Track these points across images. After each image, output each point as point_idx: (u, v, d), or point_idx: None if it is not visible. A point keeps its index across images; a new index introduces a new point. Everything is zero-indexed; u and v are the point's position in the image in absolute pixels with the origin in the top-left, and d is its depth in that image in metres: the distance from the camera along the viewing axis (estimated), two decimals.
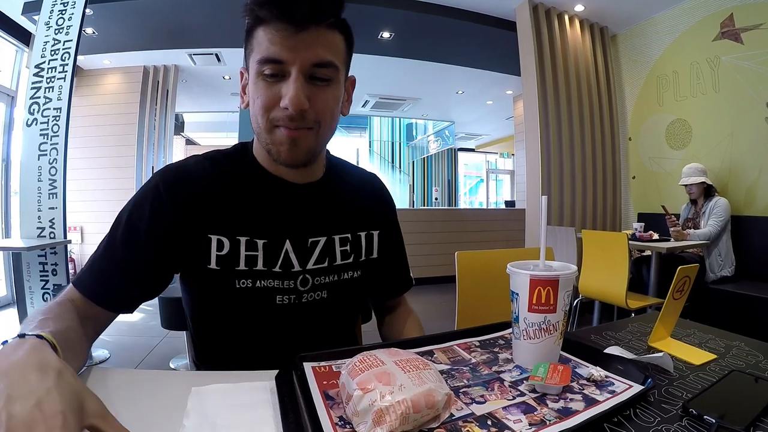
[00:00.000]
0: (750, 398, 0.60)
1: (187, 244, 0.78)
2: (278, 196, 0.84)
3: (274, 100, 0.72)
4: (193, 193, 0.79)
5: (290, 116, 0.72)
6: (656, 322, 0.84)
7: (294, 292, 0.83)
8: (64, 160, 3.32)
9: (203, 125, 9.24)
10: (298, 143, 0.75)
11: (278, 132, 0.75)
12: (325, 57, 0.73)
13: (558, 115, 4.33)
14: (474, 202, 12.94)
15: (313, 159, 0.81)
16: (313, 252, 0.85)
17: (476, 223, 6.35)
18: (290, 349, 0.71)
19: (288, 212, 0.84)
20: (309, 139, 0.76)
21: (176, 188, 0.79)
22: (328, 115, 0.77)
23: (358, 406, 0.49)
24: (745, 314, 3.02)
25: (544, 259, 0.73)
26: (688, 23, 4.14)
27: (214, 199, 0.80)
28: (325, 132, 0.79)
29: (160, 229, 0.77)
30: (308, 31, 0.70)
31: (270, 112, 0.73)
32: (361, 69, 6.00)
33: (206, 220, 0.79)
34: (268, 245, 0.81)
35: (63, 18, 3.46)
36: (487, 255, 1.56)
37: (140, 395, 0.60)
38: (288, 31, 0.69)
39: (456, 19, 4.58)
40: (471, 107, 8.59)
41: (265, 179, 0.85)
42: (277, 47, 0.70)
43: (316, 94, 0.74)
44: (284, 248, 0.82)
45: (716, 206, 3.40)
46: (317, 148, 0.80)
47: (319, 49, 0.72)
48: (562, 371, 0.61)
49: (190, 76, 6.40)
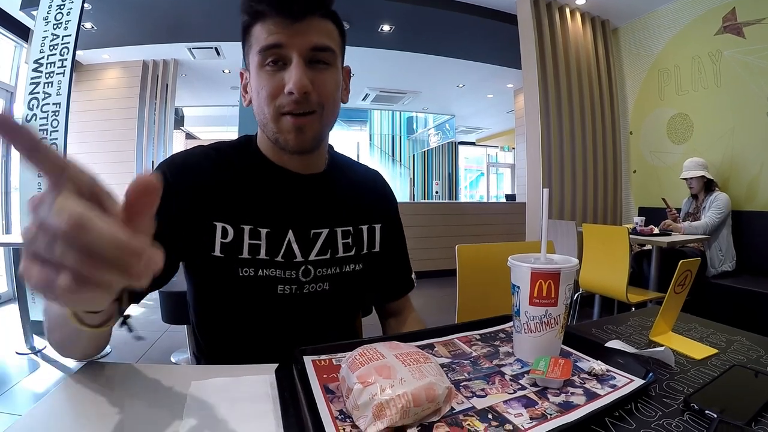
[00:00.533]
0: (751, 393, 0.60)
1: (193, 231, 0.79)
2: (282, 186, 0.86)
3: (278, 88, 0.75)
4: (198, 181, 0.80)
5: (296, 100, 0.74)
6: (657, 316, 0.84)
7: (296, 282, 0.84)
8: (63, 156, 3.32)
9: (203, 119, 9.23)
10: (304, 130, 0.77)
11: (284, 120, 0.76)
12: (322, 41, 0.76)
13: (559, 109, 4.32)
14: (474, 196, 12.93)
15: (317, 145, 0.83)
16: (315, 243, 0.86)
17: (477, 216, 6.34)
18: (290, 342, 0.72)
19: (291, 202, 0.86)
20: (314, 124, 0.78)
21: (183, 177, 0.80)
22: (330, 98, 0.79)
23: (359, 399, 0.49)
24: (746, 309, 3.02)
25: (546, 252, 0.73)
26: (689, 17, 4.12)
27: (219, 188, 0.81)
28: (328, 116, 0.81)
29: (167, 214, 0.77)
30: (304, 21, 0.74)
31: (275, 100, 0.76)
32: (361, 62, 6.02)
33: (212, 207, 0.80)
34: (271, 234, 0.82)
35: (61, 13, 3.45)
36: (487, 248, 1.56)
37: (141, 389, 0.60)
38: (285, 22, 0.73)
39: (456, 11, 4.56)
40: (471, 100, 8.57)
41: (270, 169, 0.86)
42: (277, 35, 0.73)
43: (318, 77, 0.76)
44: (287, 238, 0.83)
45: (716, 200, 3.40)
46: (322, 133, 0.82)
47: (316, 35, 0.75)
48: (563, 365, 0.61)
49: (190, 70, 6.38)
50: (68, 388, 0.59)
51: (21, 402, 2.35)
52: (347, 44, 0.86)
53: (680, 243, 3.17)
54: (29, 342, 3.06)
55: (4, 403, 2.30)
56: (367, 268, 0.95)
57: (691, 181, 3.56)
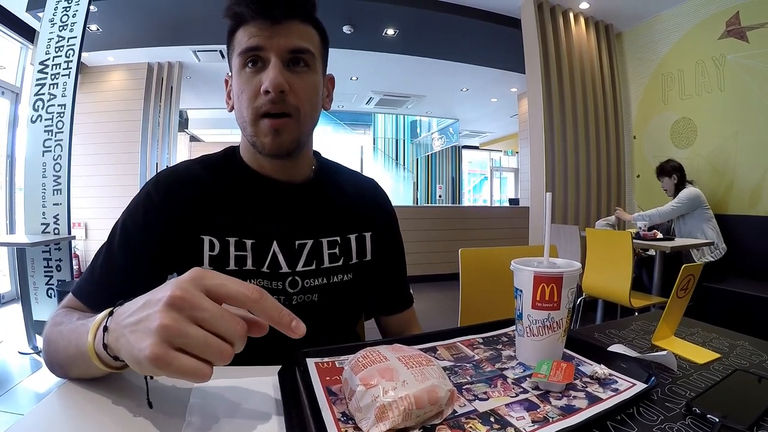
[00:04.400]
0: (754, 398, 0.60)
1: (181, 245, 0.80)
2: (266, 196, 0.86)
3: (256, 89, 0.76)
4: (184, 196, 0.81)
5: (272, 99, 0.75)
6: (660, 321, 0.84)
7: (283, 293, 0.84)
8: (68, 157, 3.34)
9: (207, 122, 9.25)
10: (281, 133, 0.78)
11: (262, 123, 0.77)
12: (301, 44, 0.77)
13: (562, 113, 4.32)
14: (478, 200, 12.92)
15: (297, 149, 0.83)
16: (301, 254, 0.85)
17: (480, 220, 6.34)
18: (288, 348, 0.71)
19: (275, 213, 0.85)
20: (290, 127, 0.78)
21: (168, 192, 0.81)
22: (307, 102, 0.79)
23: (361, 401, 0.49)
24: (750, 316, 3.00)
25: (548, 256, 0.73)
26: (693, 21, 4.12)
27: (204, 202, 0.82)
28: (306, 120, 0.81)
29: (155, 234, 0.79)
30: (284, 24, 0.76)
31: (254, 102, 0.76)
32: (365, 66, 6.03)
33: (198, 221, 0.80)
34: (256, 245, 0.82)
35: (67, 15, 3.48)
36: (490, 252, 1.56)
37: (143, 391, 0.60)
38: (265, 25, 0.75)
39: (460, 15, 4.56)
40: (475, 104, 8.57)
41: (253, 180, 0.86)
42: (257, 38, 0.75)
43: (295, 79, 0.77)
44: (272, 249, 0.83)
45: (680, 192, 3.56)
46: (300, 137, 0.81)
47: (295, 38, 0.77)
48: (565, 369, 0.61)
49: (195, 72, 6.40)
50: (70, 388, 0.59)
51: (23, 402, 2.35)
52: (351, 48, 0.87)
53: (684, 247, 3.14)
54: (32, 342, 3.07)
55: (6, 403, 2.31)
56: (358, 278, 0.93)
57: (663, 185, 3.77)
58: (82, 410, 0.54)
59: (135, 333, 0.45)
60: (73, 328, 0.60)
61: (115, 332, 0.48)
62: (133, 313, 0.46)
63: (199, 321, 0.44)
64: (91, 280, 0.77)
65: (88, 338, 0.52)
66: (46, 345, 0.66)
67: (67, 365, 0.60)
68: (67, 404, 0.56)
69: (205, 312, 0.44)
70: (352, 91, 7.86)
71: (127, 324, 0.46)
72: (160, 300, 0.44)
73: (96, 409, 0.54)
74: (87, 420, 0.52)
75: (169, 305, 0.43)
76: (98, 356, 0.52)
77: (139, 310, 0.46)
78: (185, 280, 0.46)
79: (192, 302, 0.44)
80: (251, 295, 0.47)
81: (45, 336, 0.68)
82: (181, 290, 0.44)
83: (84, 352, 0.53)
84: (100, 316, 0.54)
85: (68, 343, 0.59)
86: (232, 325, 0.45)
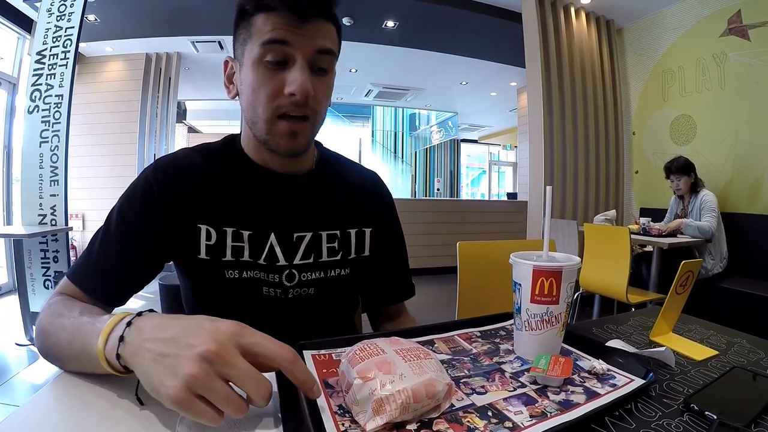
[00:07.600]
0: (751, 395, 0.60)
1: (178, 233, 0.79)
2: (265, 187, 0.84)
3: (278, 89, 0.72)
4: (182, 183, 0.80)
5: (295, 102, 0.72)
6: (658, 317, 0.84)
7: (279, 286, 0.83)
8: (65, 147, 3.32)
9: (206, 113, 9.22)
10: (298, 135, 0.76)
11: (280, 124, 0.74)
12: (325, 44, 0.74)
13: (562, 108, 4.31)
14: (476, 194, 12.92)
15: (308, 148, 0.83)
16: (299, 247, 0.85)
17: (478, 214, 6.34)
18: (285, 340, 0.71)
19: (273, 204, 0.84)
20: (307, 130, 0.77)
21: (166, 179, 0.80)
22: (324, 104, 0.79)
23: (358, 394, 0.49)
24: (748, 313, 3.00)
25: (548, 250, 0.73)
26: (695, 18, 4.10)
27: (202, 190, 0.81)
28: (319, 121, 0.80)
29: (152, 220, 0.78)
30: (311, 23, 0.72)
31: (273, 101, 0.73)
32: (365, 58, 6.01)
33: (195, 210, 0.80)
34: (253, 236, 0.81)
35: (65, 5, 3.44)
36: (488, 246, 1.56)
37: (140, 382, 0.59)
38: (293, 20, 0.70)
39: (461, 9, 4.55)
40: (474, 98, 8.55)
41: (253, 170, 0.85)
42: (283, 30, 0.70)
43: (317, 83, 0.74)
44: (269, 241, 0.82)
45: (704, 200, 3.27)
46: (313, 137, 0.82)
47: (321, 38, 0.73)
48: (563, 363, 0.61)
49: (193, 63, 6.36)
50: (66, 379, 0.59)
51: (20, 393, 2.35)
52: (351, 40, 0.86)
53: (683, 244, 3.14)
54: (29, 333, 3.07)
55: (3, 394, 2.31)
56: (355, 273, 0.92)
57: (678, 183, 3.43)
58: (78, 402, 0.54)
59: (160, 365, 0.46)
60: (77, 324, 0.60)
61: (133, 348, 0.49)
62: (161, 342, 0.47)
63: (228, 377, 0.45)
64: (88, 264, 0.76)
65: (98, 343, 0.52)
66: (43, 335, 0.66)
67: (68, 359, 0.60)
68: (63, 396, 0.56)
69: (235, 371, 0.45)
70: (351, 83, 7.83)
71: (150, 349, 0.47)
72: (194, 347, 0.45)
73: (91, 400, 0.53)
74: (82, 411, 0.52)
75: (202, 357, 0.44)
76: (108, 362, 0.52)
77: (168, 343, 0.47)
78: (224, 333, 0.47)
79: (225, 359, 0.45)
80: (286, 356, 0.49)
81: (41, 324, 0.67)
82: (218, 345, 0.45)
83: (92, 353, 0.53)
84: (112, 321, 0.54)
85: (72, 339, 0.58)
86: (258, 387, 0.46)
